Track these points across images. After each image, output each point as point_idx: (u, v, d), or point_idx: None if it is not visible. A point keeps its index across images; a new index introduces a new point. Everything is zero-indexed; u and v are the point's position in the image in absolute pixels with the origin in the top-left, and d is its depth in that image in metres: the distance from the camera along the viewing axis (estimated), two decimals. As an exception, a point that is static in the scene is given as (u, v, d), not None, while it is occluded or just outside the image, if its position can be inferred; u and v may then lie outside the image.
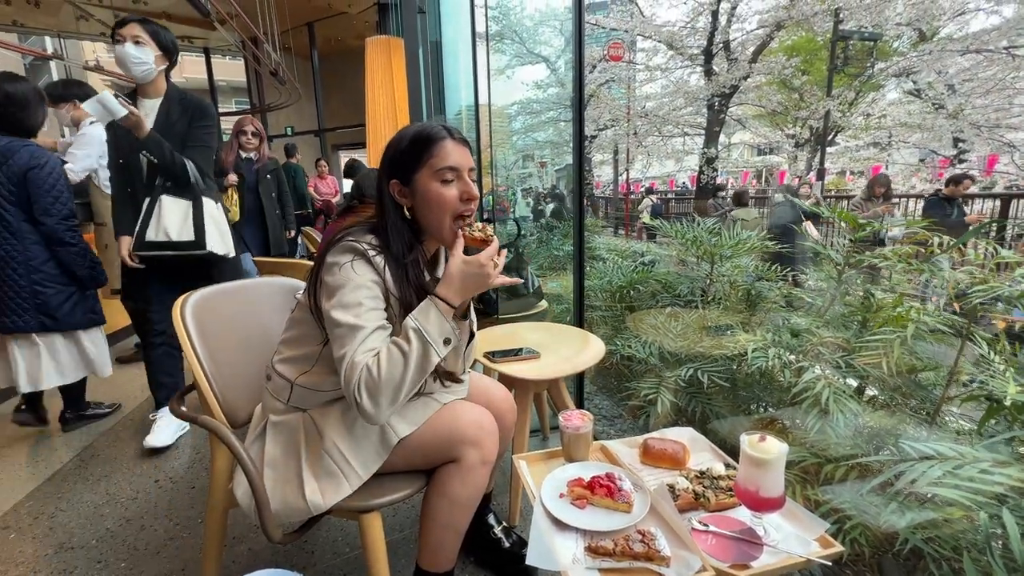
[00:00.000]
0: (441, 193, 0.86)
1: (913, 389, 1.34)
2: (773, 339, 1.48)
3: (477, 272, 0.82)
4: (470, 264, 0.82)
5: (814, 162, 11.41)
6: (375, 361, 0.77)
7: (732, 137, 15.39)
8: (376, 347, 0.80)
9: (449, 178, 0.86)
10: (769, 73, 10.01)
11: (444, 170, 0.86)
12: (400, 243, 0.87)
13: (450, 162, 0.86)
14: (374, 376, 0.76)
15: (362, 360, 0.78)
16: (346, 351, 0.79)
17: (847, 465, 1.10)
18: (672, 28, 10.35)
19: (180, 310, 1.02)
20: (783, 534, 0.76)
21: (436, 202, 0.86)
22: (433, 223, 0.89)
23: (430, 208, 0.87)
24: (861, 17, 9.03)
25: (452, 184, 0.87)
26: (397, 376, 0.77)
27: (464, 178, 0.88)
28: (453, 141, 0.88)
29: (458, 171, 0.87)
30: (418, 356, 0.78)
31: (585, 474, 0.90)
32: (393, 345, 0.79)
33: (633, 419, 2.01)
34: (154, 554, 1.32)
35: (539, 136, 13.68)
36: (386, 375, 0.76)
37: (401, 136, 0.90)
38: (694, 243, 1.96)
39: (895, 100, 11.49)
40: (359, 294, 0.81)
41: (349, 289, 0.81)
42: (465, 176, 0.88)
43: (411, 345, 0.78)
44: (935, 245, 1.33)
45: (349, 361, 0.78)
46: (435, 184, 0.86)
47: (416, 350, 0.78)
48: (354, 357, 0.78)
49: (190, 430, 2.00)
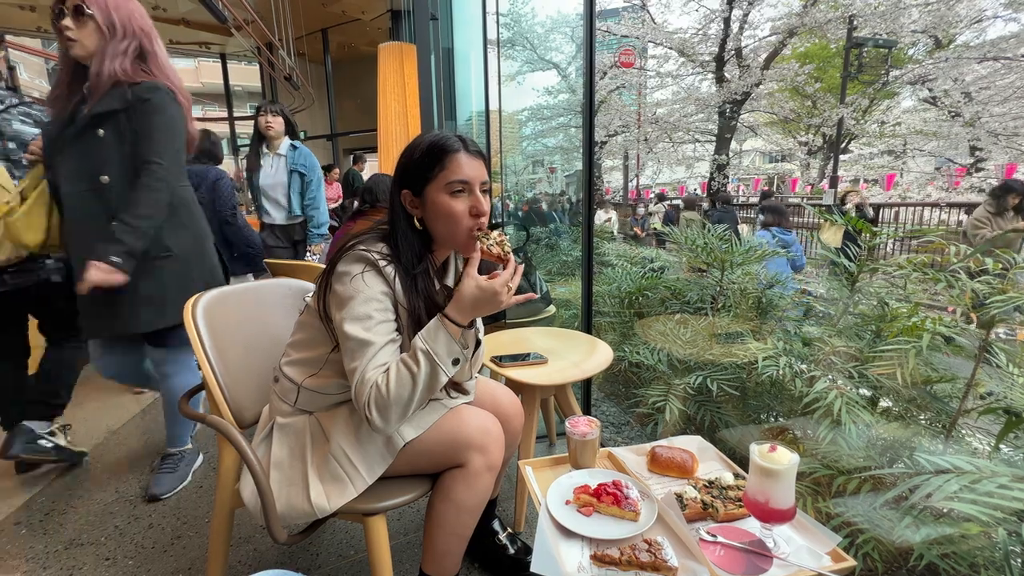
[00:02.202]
0: (451, 206, 0.85)
1: (928, 401, 1.31)
2: (784, 347, 1.45)
3: (490, 299, 0.81)
4: (484, 291, 0.81)
5: (827, 169, 11.31)
6: (384, 379, 0.79)
7: (743, 144, 15.32)
8: (386, 362, 0.81)
9: (459, 190, 0.86)
10: (781, 80, 9.97)
11: (455, 183, 0.85)
12: (410, 253, 0.87)
13: (461, 175, 0.85)
14: (383, 394, 0.79)
15: (372, 377, 0.79)
16: (357, 365, 0.81)
17: (860, 477, 1.08)
18: (683, 35, 10.35)
19: (191, 310, 1.03)
20: (793, 547, 0.75)
21: (445, 215, 0.86)
22: (442, 235, 0.88)
23: (439, 220, 0.87)
24: (875, 24, 8.96)
25: (462, 197, 0.86)
26: (406, 395, 0.79)
27: (475, 192, 0.87)
28: (467, 154, 0.86)
29: (469, 184, 0.86)
30: (426, 376, 0.79)
31: (592, 481, 0.89)
32: (402, 364, 0.80)
33: (641, 427, 1.99)
34: (161, 552, 1.33)
35: (549, 142, 13.72)
36: (395, 394, 0.79)
37: (415, 145, 0.88)
38: (704, 250, 1.95)
39: (910, 108, 11.38)
40: (369, 307, 0.82)
41: (359, 302, 0.82)
42: (476, 190, 0.87)
43: (420, 366, 0.79)
44: (952, 254, 1.31)
45: (360, 377, 0.80)
46: (445, 197, 0.85)
47: (425, 371, 0.79)
48: (365, 373, 0.80)
49: (199, 431, 2.02)
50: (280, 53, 6.42)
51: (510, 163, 4.57)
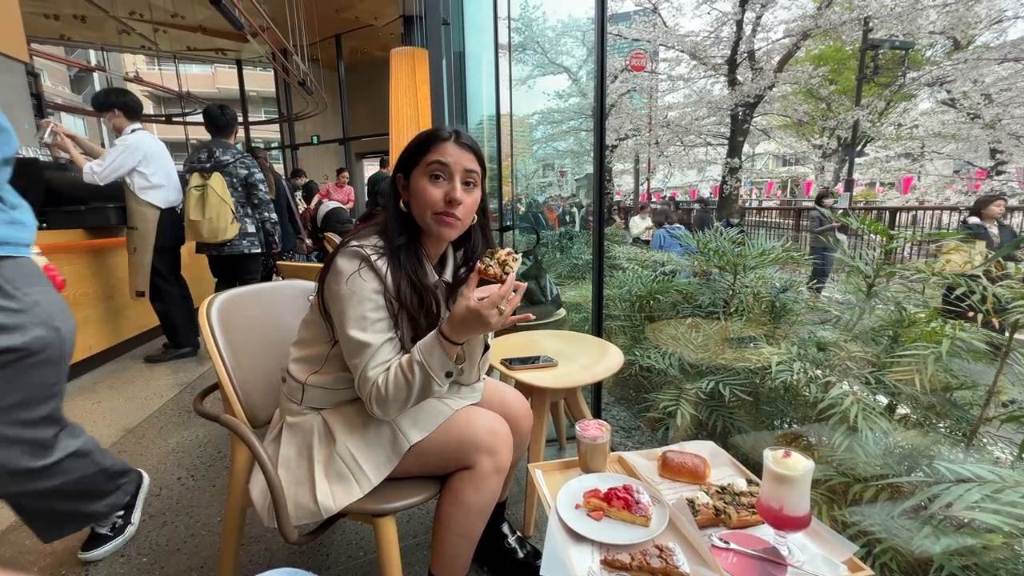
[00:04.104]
0: (426, 189, 0.87)
1: (948, 408, 1.28)
2: (799, 352, 1.43)
3: (476, 319, 0.81)
4: (471, 312, 0.81)
5: (842, 172, 11.15)
6: (384, 380, 0.85)
7: (756, 147, 15.17)
8: (386, 359, 0.86)
9: (438, 174, 0.87)
10: (795, 83, 9.86)
11: (434, 164, 0.87)
12: (395, 230, 0.90)
13: (441, 158, 0.87)
14: (383, 394, 0.85)
15: (373, 376, 0.85)
16: (358, 363, 0.86)
17: (877, 486, 1.06)
18: (695, 38, 10.30)
19: (206, 311, 1.05)
20: (808, 555, 0.73)
21: (420, 197, 0.88)
22: (417, 217, 0.91)
23: (416, 202, 0.90)
24: (892, 26, 8.83)
25: (440, 182, 0.88)
26: (402, 397, 0.85)
27: (454, 180, 0.88)
28: (455, 144, 0.88)
29: (448, 169, 0.87)
30: (421, 384, 0.84)
31: (602, 485, 0.88)
32: (400, 371, 0.85)
33: (652, 431, 1.97)
34: (175, 550, 1.35)
35: (560, 145, 13.73)
36: (393, 395, 0.85)
37: (417, 135, 0.93)
38: (716, 253, 1.93)
39: (928, 110, 11.18)
40: (364, 308, 0.85)
41: (355, 302, 0.85)
42: (456, 178, 0.88)
43: (415, 376, 0.84)
44: (972, 258, 1.28)
45: (361, 375, 0.86)
46: (424, 179, 0.88)
47: (419, 381, 0.84)
48: (366, 372, 0.85)
49: (212, 430, 2.05)
50: (294, 59, 6.52)
51: (520, 167, 4.59)
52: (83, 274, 2.80)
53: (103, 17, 7.77)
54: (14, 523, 1.47)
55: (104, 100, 2.69)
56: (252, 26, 5.22)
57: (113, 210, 2.92)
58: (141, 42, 9.15)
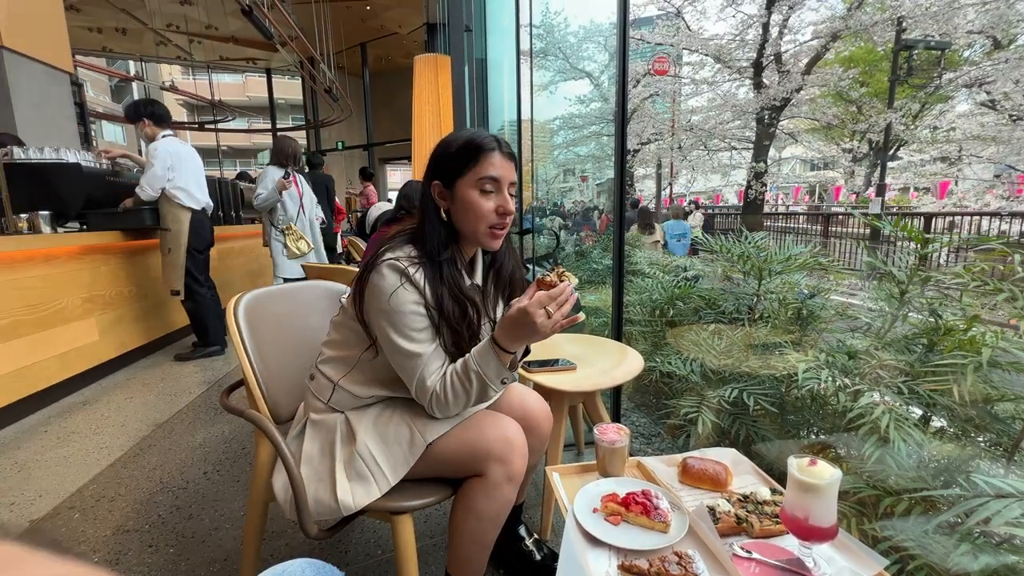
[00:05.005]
0: (479, 202, 0.88)
1: (988, 421, 1.22)
2: (827, 360, 1.39)
3: (524, 322, 0.81)
4: (520, 312, 0.81)
5: (873, 177, 10.80)
6: (442, 388, 0.88)
7: (783, 151, 14.82)
8: (439, 365, 0.89)
9: (489, 188, 0.88)
10: (824, 85, 9.60)
11: (485, 179, 0.87)
12: (435, 241, 0.90)
13: (493, 172, 0.87)
14: (443, 400, 0.88)
15: (432, 385, 0.88)
16: (411, 373, 0.89)
17: (910, 499, 1.01)
18: (720, 41, 10.15)
19: (233, 309, 1.08)
20: (835, 568, 0.71)
21: (473, 210, 0.88)
22: (468, 229, 0.90)
23: (466, 215, 0.89)
24: (927, 26, 8.53)
25: (491, 195, 0.88)
26: (462, 405, 0.89)
27: (503, 191, 0.89)
28: (501, 154, 0.89)
29: (499, 183, 0.88)
30: (478, 392, 0.87)
31: (620, 490, 0.86)
32: (456, 379, 0.87)
33: (672, 438, 1.93)
34: (200, 543, 1.39)
35: (581, 150, 13.68)
36: (452, 403, 0.88)
37: (452, 140, 0.91)
38: (741, 259, 1.89)
39: (965, 112, 10.73)
40: (409, 320, 0.86)
41: (399, 317, 0.86)
42: (504, 190, 0.89)
43: (472, 385, 0.86)
44: (1016, 263, 1.22)
45: (419, 384, 0.89)
46: (474, 192, 0.88)
47: (476, 389, 0.87)
48: (424, 382, 0.88)
49: (237, 426, 2.10)
50: (321, 67, 6.68)
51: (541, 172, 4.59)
52: (119, 274, 2.92)
53: (142, 29, 8.13)
54: (50, 512, 1.54)
55: (134, 112, 2.82)
56: (281, 36, 5.38)
57: (148, 212, 3.04)
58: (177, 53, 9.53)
